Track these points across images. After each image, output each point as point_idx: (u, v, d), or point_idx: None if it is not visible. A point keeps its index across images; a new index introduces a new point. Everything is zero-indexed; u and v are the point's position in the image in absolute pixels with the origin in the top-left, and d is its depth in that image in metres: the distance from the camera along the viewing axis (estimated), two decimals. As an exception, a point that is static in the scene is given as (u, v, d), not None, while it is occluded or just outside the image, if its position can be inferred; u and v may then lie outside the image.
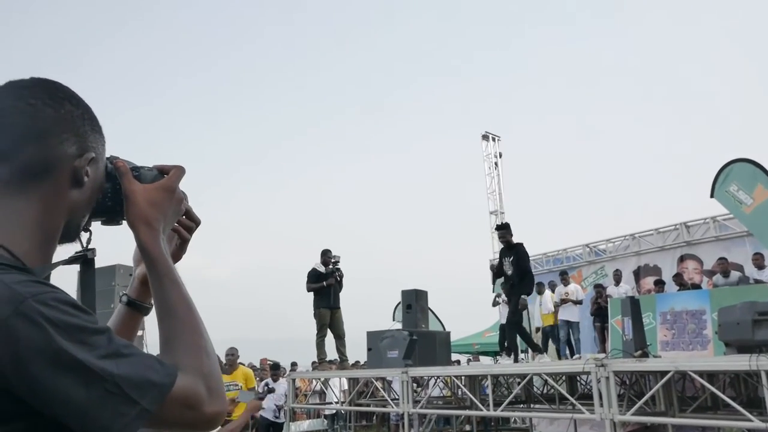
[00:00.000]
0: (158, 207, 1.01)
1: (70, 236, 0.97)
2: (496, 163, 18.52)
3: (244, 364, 8.13)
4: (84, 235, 1.00)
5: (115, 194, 1.01)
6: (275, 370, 11.53)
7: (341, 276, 9.19)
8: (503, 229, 8.41)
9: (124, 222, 1.02)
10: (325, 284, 8.96)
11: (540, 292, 12.25)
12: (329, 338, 9.19)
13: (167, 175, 1.06)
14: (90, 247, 1.00)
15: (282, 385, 10.99)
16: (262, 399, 6.63)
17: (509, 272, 8.17)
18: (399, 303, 11.60)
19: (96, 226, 1.03)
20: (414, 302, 9.04)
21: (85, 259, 0.99)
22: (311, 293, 9.14)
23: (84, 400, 0.76)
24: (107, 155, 1.01)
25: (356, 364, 12.65)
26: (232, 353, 7.47)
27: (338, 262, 9.25)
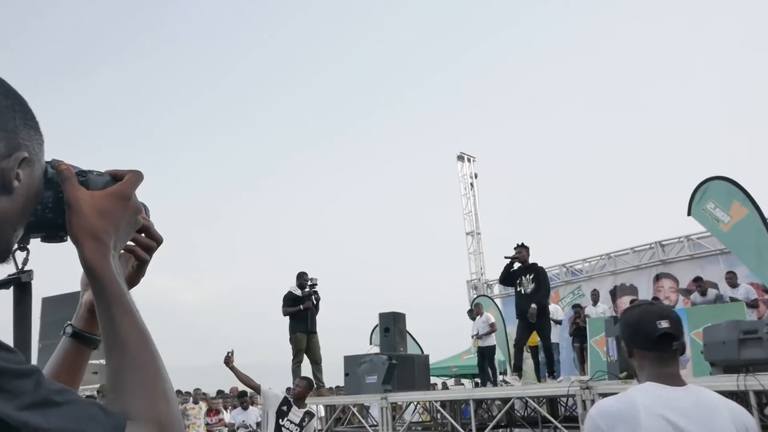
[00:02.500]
0: (108, 217, 0.82)
1: None
2: (471, 184, 18.54)
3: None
4: (20, 255, 0.81)
5: (57, 204, 0.82)
6: (242, 397, 11.09)
7: (318, 299, 8.93)
8: (522, 248, 8.32)
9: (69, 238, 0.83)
10: (302, 308, 8.70)
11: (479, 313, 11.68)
12: (306, 363, 8.90)
13: (121, 182, 0.86)
14: (26, 269, 0.81)
15: (253, 413, 10.59)
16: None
17: (528, 290, 8.05)
18: (376, 326, 11.36)
19: (36, 243, 0.84)
20: (392, 325, 8.85)
21: (18, 283, 0.80)
22: (287, 317, 8.88)
23: None
24: (48, 159, 0.82)
25: (333, 390, 12.32)
26: None
27: (315, 284, 8.99)
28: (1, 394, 0.60)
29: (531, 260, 8.27)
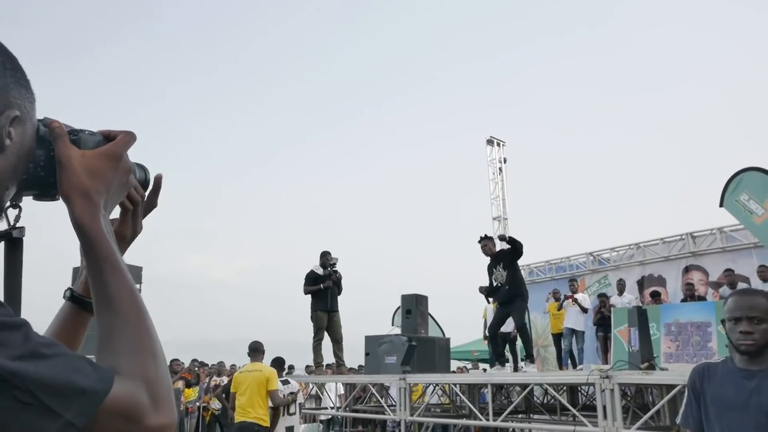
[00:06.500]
0: (99, 176, 0.82)
1: None
2: (500, 169, 18.34)
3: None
4: (12, 213, 0.82)
5: (48, 163, 0.82)
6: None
7: (339, 278, 8.98)
8: (486, 239, 8.25)
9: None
10: (322, 286, 8.77)
11: None
12: (326, 342, 8.99)
13: (113, 141, 0.86)
14: (19, 225, 0.81)
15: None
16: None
17: (500, 281, 8.01)
18: (398, 307, 11.39)
19: (30, 202, 0.85)
20: (414, 307, 8.86)
21: (9, 238, 0.81)
22: (308, 296, 8.96)
23: None
24: (40, 117, 0.82)
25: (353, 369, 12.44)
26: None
27: (335, 263, 9.03)
28: None
29: (524, 251, 8.16)
